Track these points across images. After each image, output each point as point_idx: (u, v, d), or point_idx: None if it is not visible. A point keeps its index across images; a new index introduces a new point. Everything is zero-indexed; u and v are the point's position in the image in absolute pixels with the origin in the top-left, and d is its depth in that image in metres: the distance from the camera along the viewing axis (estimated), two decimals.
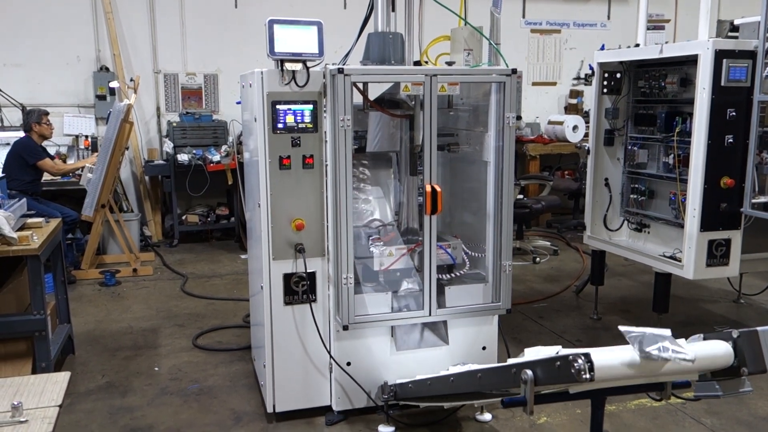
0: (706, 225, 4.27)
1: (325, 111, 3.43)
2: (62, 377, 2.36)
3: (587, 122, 8.60)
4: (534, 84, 9.60)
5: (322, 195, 3.50)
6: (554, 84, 9.69)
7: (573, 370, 1.84)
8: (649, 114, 4.97)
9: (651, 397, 2.31)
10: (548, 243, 7.67)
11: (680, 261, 4.41)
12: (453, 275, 3.75)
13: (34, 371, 3.99)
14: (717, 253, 4.34)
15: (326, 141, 3.45)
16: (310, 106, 3.41)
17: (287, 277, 3.53)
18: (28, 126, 6.54)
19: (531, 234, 8.14)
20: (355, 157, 3.87)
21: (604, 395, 2.18)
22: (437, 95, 3.43)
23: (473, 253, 3.81)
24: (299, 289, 3.55)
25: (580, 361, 1.83)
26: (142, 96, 8.02)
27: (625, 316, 5.50)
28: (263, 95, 3.35)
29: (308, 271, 3.52)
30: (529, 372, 2.04)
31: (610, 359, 1.88)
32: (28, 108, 7.05)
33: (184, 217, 8.07)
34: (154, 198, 8.21)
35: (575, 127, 8.54)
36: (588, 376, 1.82)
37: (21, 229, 4.12)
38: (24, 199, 4.51)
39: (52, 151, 7.14)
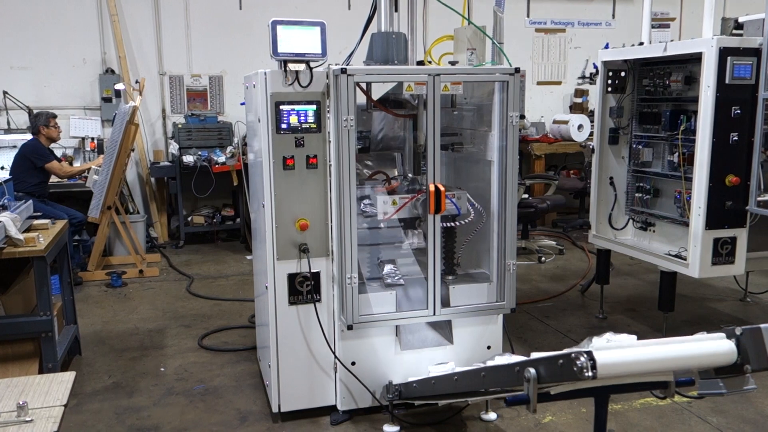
0: (711, 223, 4.26)
1: (328, 111, 3.44)
2: (67, 377, 2.37)
3: (592, 121, 8.60)
4: (539, 83, 9.59)
5: (326, 195, 3.51)
6: (559, 83, 9.69)
7: (575, 368, 1.84)
8: (654, 112, 4.96)
9: (655, 395, 2.31)
10: (554, 242, 7.65)
11: (686, 259, 4.40)
12: (458, 223, 3.69)
13: (40, 372, 4.01)
14: (722, 252, 4.33)
15: (330, 141, 3.46)
16: (314, 107, 3.42)
17: (292, 277, 3.54)
18: (35, 128, 6.58)
19: (536, 233, 8.13)
20: (360, 157, 3.88)
21: (608, 393, 2.18)
22: (440, 95, 3.43)
23: (478, 205, 3.77)
24: (304, 289, 3.56)
25: (582, 358, 1.83)
26: (148, 98, 8.05)
27: (630, 315, 5.48)
28: (267, 96, 3.36)
29: (312, 271, 3.53)
30: (532, 370, 2.04)
31: (612, 357, 1.88)
32: (35, 111, 7.09)
33: (189, 219, 8.10)
34: (159, 199, 8.24)
35: (580, 126, 8.52)
36: (590, 374, 1.81)
37: (27, 230, 4.15)
38: (30, 201, 4.53)
39: (58, 153, 7.18)
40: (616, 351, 1.93)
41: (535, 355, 2.36)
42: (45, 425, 2.04)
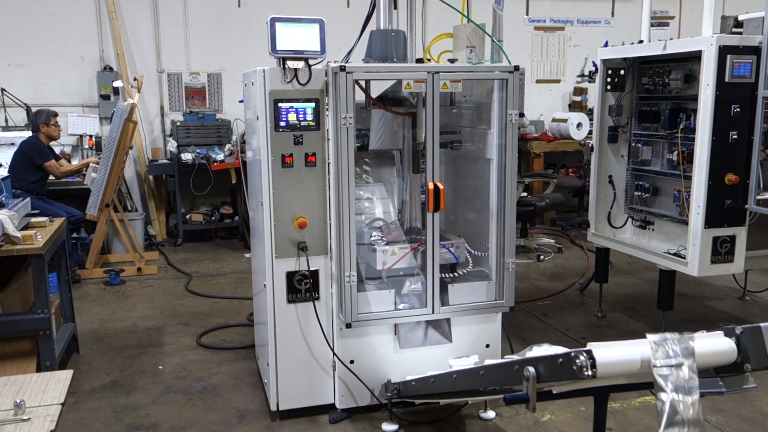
0: (710, 222, 4.25)
1: (327, 109, 3.43)
2: (65, 375, 2.36)
3: (591, 119, 8.58)
4: (538, 81, 9.58)
5: (324, 193, 3.50)
6: (558, 81, 9.67)
7: (575, 367, 1.83)
8: (653, 111, 4.96)
9: (654, 393, 2.30)
10: (553, 241, 7.65)
11: (685, 258, 4.40)
12: (456, 274, 3.74)
13: (38, 370, 4.00)
14: (722, 250, 4.33)
15: (329, 139, 3.45)
16: (313, 104, 3.41)
17: (290, 276, 3.53)
18: (35, 126, 6.56)
19: (535, 232, 8.13)
20: (359, 155, 3.88)
21: (607, 392, 2.18)
22: (440, 93, 3.43)
23: (476, 252, 3.80)
24: (302, 287, 3.55)
25: (582, 357, 1.83)
26: (146, 95, 8.03)
27: (629, 313, 5.48)
28: (265, 93, 3.35)
29: (311, 269, 3.53)
30: (532, 369, 2.03)
31: (612, 356, 1.88)
32: (36, 108, 7.06)
33: (188, 216, 8.09)
34: (158, 197, 8.22)
35: (579, 125, 8.52)
36: (590, 373, 1.81)
37: (25, 228, 4.14)
38: (28, 199, 4.52)
39: (57, 150, 7.16)
40: (616, 350, 1.92)
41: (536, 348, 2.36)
42: (42, 424, 2.02)
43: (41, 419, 2.04)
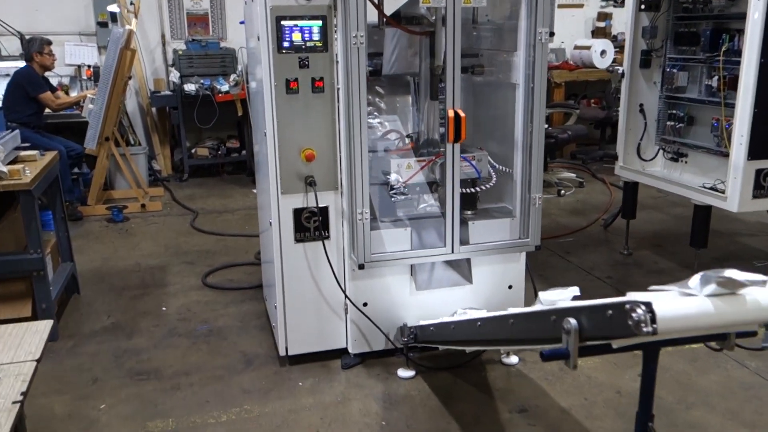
0: (754, 153, 3.91)
1: (335, 28, 3.07)
2: (43, 326, 2.11)
3: (616, 46, 8.10)
4: (560, 6, 8.99)
5: (333, 122, 3.17)
6: (581, 6, 9.12)
7: (631, 322, 1.54)
8: (692, 32, 4.54)
9: (709, 347, 2.03)
10: (573, 175, 7.30)
11: (723, 192, 4.07)
12: (477, 189, 3.43)
13: (34, 312, 3.80)
14: (765, 184, 4.00)
15: (337, 62, 3.09)
16: (319, 23, 3.04)
17: (297, 213, 3.24)
18: (29, 55, 6.21)
19: (555, 166, 7.76)
20: (370, 81, 3.51)
21: (659, 347, 1.90)
22: (461, 8, 3.04)
23: (499, 167, 3.48)
24: (311, 225, 3.27)
25: (639, 310, 1.53)
26: (146, 23, 7.61)
27: (657, 251, 5.19)
28: (266, 10, 2.98)
29: (320, 205, 3.23)
30: (573, 321, 1.75)
31: (674, 309, 1.58)
32: (28, 36, 6.67)
33: (193, 151, 7.79)
34: (162, 131, 7.89)
35: (603, 52, 8.04)
36: (650, 329, 1.52)
37: (13, 162, 3.85)
38: (17, 131, 4.22)
39: (54, 81, 6.81)
40: (677, 302, 1.63)
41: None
42: (12, 384, 1.77)
43: (12, 379, 1.79)
